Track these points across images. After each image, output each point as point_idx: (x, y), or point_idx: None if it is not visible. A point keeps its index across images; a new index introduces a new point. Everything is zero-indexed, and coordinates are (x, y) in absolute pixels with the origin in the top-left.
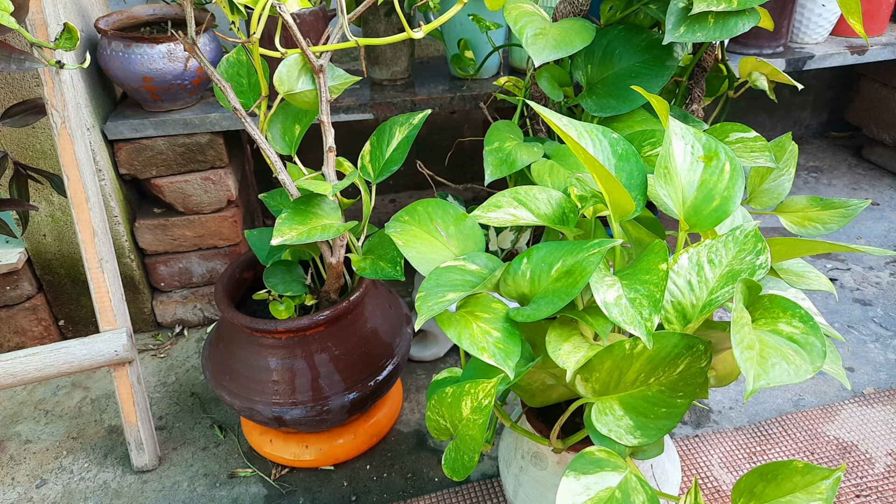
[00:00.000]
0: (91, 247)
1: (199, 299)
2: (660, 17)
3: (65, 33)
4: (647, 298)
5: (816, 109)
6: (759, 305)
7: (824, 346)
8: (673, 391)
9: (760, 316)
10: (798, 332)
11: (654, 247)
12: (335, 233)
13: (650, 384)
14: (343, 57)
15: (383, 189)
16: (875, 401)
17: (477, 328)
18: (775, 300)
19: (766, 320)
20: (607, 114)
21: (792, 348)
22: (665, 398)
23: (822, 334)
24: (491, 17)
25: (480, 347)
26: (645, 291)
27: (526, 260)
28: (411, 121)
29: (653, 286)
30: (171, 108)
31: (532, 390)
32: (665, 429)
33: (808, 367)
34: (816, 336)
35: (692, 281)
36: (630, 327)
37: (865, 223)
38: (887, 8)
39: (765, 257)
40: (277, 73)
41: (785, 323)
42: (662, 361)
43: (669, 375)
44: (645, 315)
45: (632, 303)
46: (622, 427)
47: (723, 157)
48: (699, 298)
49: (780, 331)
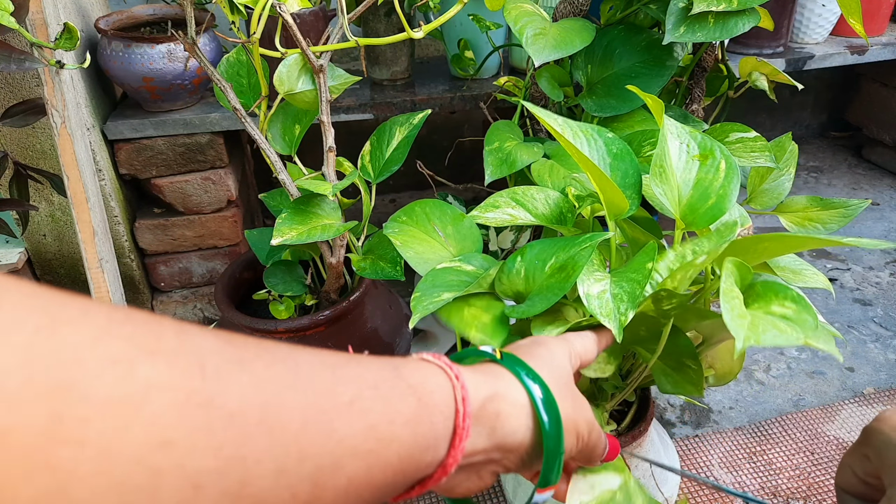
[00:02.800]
0: (91, 247)
1: (199, 299)
2: (660, 17)
3: (65, 33)
4: (628, 294)
5: (816, 109)
6: (752, 292)
7: (816, 321)
8: None
9: (753, 301)
10: (791, 312)
11: (647, 247)
12: (335, 233)
13: None
14: (343, 57)
15: (383, 189)
16: (875, 401)
17: (468, 312)
18: (768, 285)
19: (760, 304)
20: (607, 114)
21: (785, 322)
22: None
23: (815, 312)
24: (491, 17)
25: (468, 325)
26: (628, 288)
27: (520, 258)
28: (411, 121)
29: (636, 284)
30: (171, 108)
31: None
32: None
33: (800, 335)
34: (809, 313)
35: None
36: (604, 319)
37: (865, 223)
38: (887, 8)
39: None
40: (277, 73)
41: (778, 305)
42: None
43: None
44: (621, 310)
45: (613, 297)
46: None
47: (718, 156)
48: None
49: (773, 312)
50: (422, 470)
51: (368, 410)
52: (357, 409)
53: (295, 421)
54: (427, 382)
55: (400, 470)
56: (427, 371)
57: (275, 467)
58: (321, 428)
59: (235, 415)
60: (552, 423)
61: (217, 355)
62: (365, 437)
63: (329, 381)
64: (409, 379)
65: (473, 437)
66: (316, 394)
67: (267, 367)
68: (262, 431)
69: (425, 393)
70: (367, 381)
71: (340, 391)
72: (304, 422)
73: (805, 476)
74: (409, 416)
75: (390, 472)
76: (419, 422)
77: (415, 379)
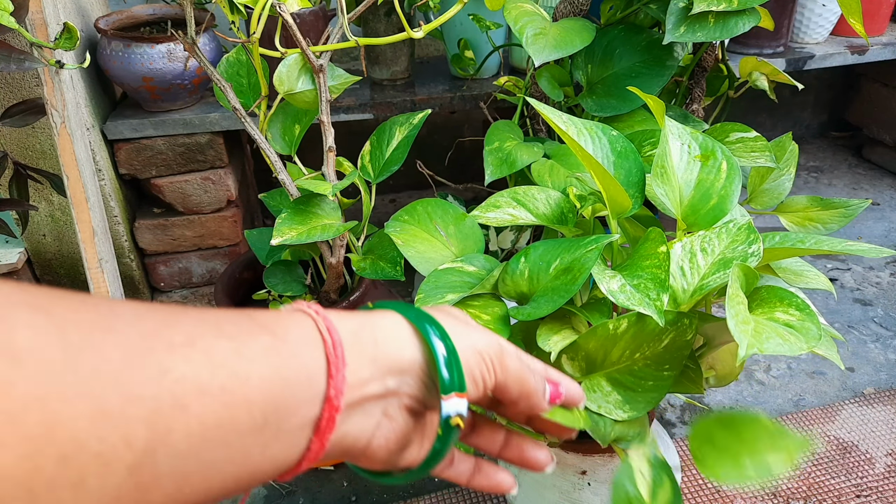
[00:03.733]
0: (91, 247)
1: (199, 299)
2: (660, 16)
3: (65, 33)
4: (652, 281)
5: (817, 109)
6: (756, 297)
7: (820, 330)
8: (659, 364)
9: (758, 306)
10: (794, 319)
11: (650, 234)
12: (335, 233)
13: (636, 359)
14: (343, 57)
15: (383, 189)
16: (875, 401)
17: (470, 313)
18: (772, 290)
19: (764, 310)
20: (608, 114)
21: (788, 331)
22: (651, 371)
23: (819, 321)
24: (491, 17)
25: (466, 310)
26: (648, 276)
27: (524, 259)
28: (411, 121)
29: (655, 269)
30: (170, 108)
31: None
32: (653, 401)
33: (804, 345)
34: (813, 322)
35: (684, 267)
36: (639, 308)
37: (866, 223)
38: (887, 8)
39: (757, 246)
40: (277, 73)
41: (782, 311)
42: (647, 338)
43: (655, 349)
44: (653, 296)
45: (636, 288)
46: (611, 402)
47: (720, 157)
48: (690, 284)
49: (776, 318)
50: (301, 407)
51: (210, 348)
52: (197, 349)
53: (113, 361)
54: (283, 320)
55: (270, 409)
56: (282, 313)
57: (90, 408)
58: (150, 368)
59: (23, 356)
60: (431, 325)
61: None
62: (212, 374)
63: (156, 324)
64: (260, 319)
65: (354, 366)
66: (139, 335)
67: (71, 310)
68: (66, 371)
69: (280, 328)
70: (206, 322)
71: (173, 332)
72: (126, 361)
73: (805, 476)
74: (263, 351)
75: (257, 411)
76: (277, 354)
77: (266, 319)
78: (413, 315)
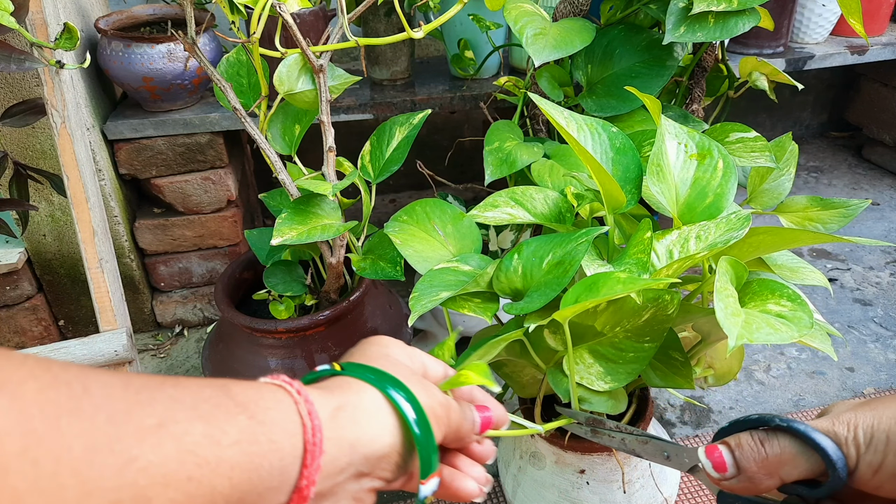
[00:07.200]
0: (91, 247)
1: (199, 299)
2: (660, 17)
3: (65, 33)
4: (636, 265)
5: (816, 109)
6: (748, 290)
7: (811, 319)
8: (639, 336)
9: (750, 300)
10: (786, 310)
11: (642, 224)
12: (335, 233)
13: (616, 332)
14: (343, 57)
15: (383, 189)
16: None
17: (460, 298)
18: (764, 283)
19: (756, 303)
20: (607, 114)
21: (779, 321)
22: (632, 343)
23: (811, 310)
24: (491, 17)
25: (461, 307)
26: (633, 261)
27: (517, 255)
28: (411, 121)
29: (640, 254)
30: (171, 108)
31: (522, 383)
32: (633, 372)
33: (795, 333)
34: (804, 311)
35: (673, 251)
36: None
37: (866, 223)
38: (887, 8)
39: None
40: (277, 73)
41: (774, 303)
42: (627, 314)
43: (635, 322)
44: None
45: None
46: (593, 374)
47: (716, 155)
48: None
49: (769, 310)
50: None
51: (183, 433)
52: (168, 433)
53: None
54: (262, 399)
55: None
56: (262, 388)
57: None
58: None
59: None
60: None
61: None
62: (180, 462)
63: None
64: (238, 397)
65: (332, 453)
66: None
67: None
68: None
69: (259, 410)
70: (181, 401)
71: (144, 414)
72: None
73: None
74: (238, 436)
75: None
76: (253, 440)
77: (245, 397)
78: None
